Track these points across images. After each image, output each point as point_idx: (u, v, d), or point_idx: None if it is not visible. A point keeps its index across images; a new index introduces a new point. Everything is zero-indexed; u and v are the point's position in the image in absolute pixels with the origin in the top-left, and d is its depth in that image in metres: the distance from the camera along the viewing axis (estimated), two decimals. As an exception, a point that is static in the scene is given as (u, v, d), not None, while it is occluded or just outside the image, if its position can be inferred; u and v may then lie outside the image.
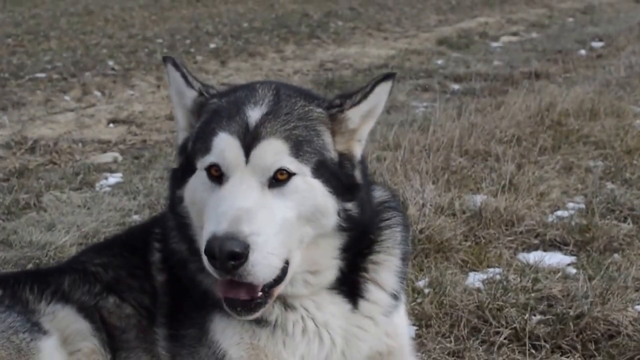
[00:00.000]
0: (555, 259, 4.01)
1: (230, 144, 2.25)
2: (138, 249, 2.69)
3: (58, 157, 6.74)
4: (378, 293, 2.54)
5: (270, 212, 2.20)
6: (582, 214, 4.61)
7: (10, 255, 4.29)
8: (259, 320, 2.44)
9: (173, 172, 2.53)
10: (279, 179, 2.23)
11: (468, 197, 4.77)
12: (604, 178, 5.37)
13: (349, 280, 2.49)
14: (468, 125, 6.18)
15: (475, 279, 3.77)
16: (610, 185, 5.19)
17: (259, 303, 2.29)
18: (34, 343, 2.56)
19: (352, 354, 2.54)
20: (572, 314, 3.28)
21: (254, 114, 2.28)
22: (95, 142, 7.31)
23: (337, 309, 2.49)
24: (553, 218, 4.59)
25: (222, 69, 11.29)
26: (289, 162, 2.24)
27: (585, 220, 4.42)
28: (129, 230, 3.42)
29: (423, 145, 5.54)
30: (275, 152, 2.23)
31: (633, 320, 3.25)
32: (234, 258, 2.12)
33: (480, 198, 4.70)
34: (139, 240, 2.73)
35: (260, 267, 2.16)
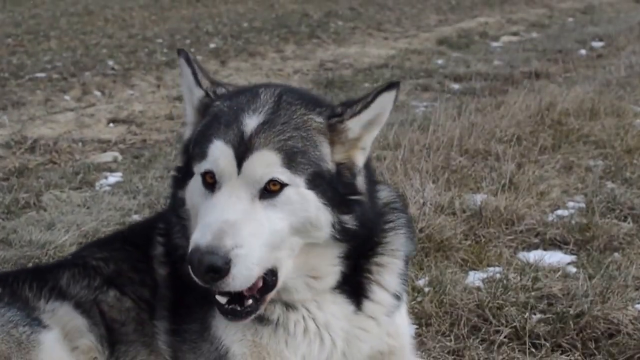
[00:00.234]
0: (556, 258, 4.01)
1: (224, 153, 2.24)
2: (140, 244, 2.69)
3: (58, 156, 6.73)
4: (381, 294, 2.54)
5: (258, 223, 2.20)
6: (582, 213, 4.61)
7: (10, 255, 4.29)
8: (261, 319, 2.45)
9: (176, 170, 2.54)
10: (271, 190, 2.22)
11: (468, 196, 4.77)
12: (604, 177, 5.37)
13: (353, 282, 2.48)
14: (468, 125, 6.18)
15: (476, 278, 3.76)
16: (611, 185, 5.19)
17: (249, 311, 2.31)
18: (35, 336, 2.55)
19: (353, 354, 2.54)
20: (572, 313, 3.28)
21: (251, 123, 2.27)
22: (95, 141, 7.31)
23: (339, 310, 2.49)
24: (553, 217, 4.58)
25: (222, 69, 11.29)
26: (281, 173, 2.22)
27: (586, 219, 4.42)
28: (132, 226, 3.43)
29: (423, 145, 5.53)
30: (267, 164, 2.22)
31: (633, 319, 3.24)
32: (214, 271, 2.14)
33: (481, 197, 4.70)
34: (142, 235, 2.72)
35: (241, 279, 2.17)
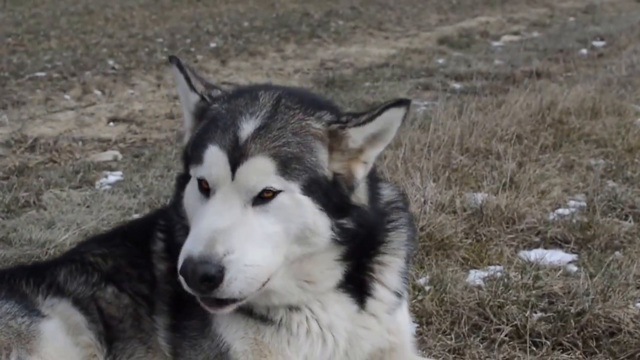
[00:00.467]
0: (556, 257, 3.99)
1: (219, 159, 2.23)
2: (140, 239, 2.68)
3: (58, 155, 6.73)
4: (383, 291, 2.54)
5: (249, 228, 2.19)
6: (583, 212, 4.59)
7: (10, 253, 4.29)
8: (264, 318, 2.45)
9: (179, 175, 2.54)
10: (264, 197, 2.21)
11: (469, 194, 4.76)
12: (605, 176, 5.35)
13: (356, 280, 2.48)
14: (469, 124, 6.17)
15: (476, 277, 3.75)
16: (612, 183, 5.18)
17: (227, 302, 2.27)
18: (34, 326, 2.54)
19: (355, 353, 2.54)
20: (573, 311, 3.26)
21: (247, 127, 2.24)
22: (95, 140, 7.30)
23: (342, 310, 2.49)
24: (554, 216, 4.57)
25: (222, 68, 11.28)
26: (275, 180, 2.20)
27: (587, 218, 4.41)
28: (132, 222, 3.42)
29: (424, 143, 5.52)
30: (261, 171, 2.20)
31: (634, 318, 3.23)
32: (208, 280, 2.14)
33: (481, 196, 4.69)
34: (142, 231, 2.72)
35: (237, 282, 2.16)
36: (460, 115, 6.37)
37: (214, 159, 2.24)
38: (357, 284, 2.49)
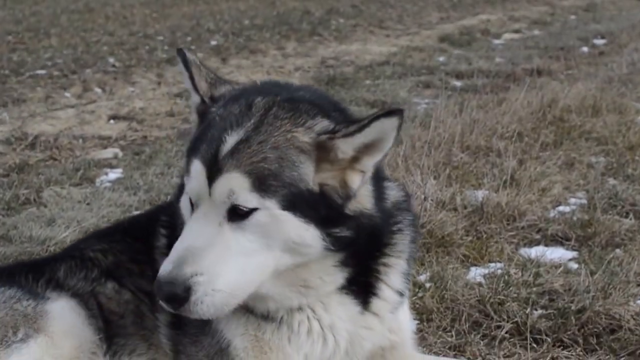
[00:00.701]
0: (557, 254, 3.98)
1: (199, 174, 2.22)
2: (141, 235, 2.66)
3: (58, 153, 6.72)
4: (387, 291, 2.53)
5: (224, 247, 2.17)
6: (583, 209, 4.59)
7: (10, 251, 4.29)
8: (265, 316, 2.44)
9: (179, 184, 2.54)
10: (241, 213, 2.18)
11: (469, 192, 4.75)
12: (606, 174, 5.34)
13: (361, 282, 2.46)
14: (470, 121, 6.16)
15: (477, 274, 3.74)
16: (612, 181, 5.18)
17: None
18: (41, 307, 2.53)
19: (355, 352, 2.53)
20: (573, 308, 3.25)
21: (230, 140, 2.20)
22: (96, 138, 7.29)
23: (344, 312, 2.48)
24: (555, 213, 4.57)
25: (223, 66, 11.27)
26: (249, 197, 2.15)
27: (587, 216, 4.40)
28: (132, 218, 3.41)
29: (424, 141, 5.51)
30: (233, 187, 2.16)
31: (635, 315, 3.22)
32: (173, 300, 2.16)
33: (482, 193, 4.68)
34: (143, 227, 2.70)
35: (204, 305, 2.16)
36: (461, 113, 6.36)
37: (196, 174, 2.23)
38: (361, 286, 2.47)
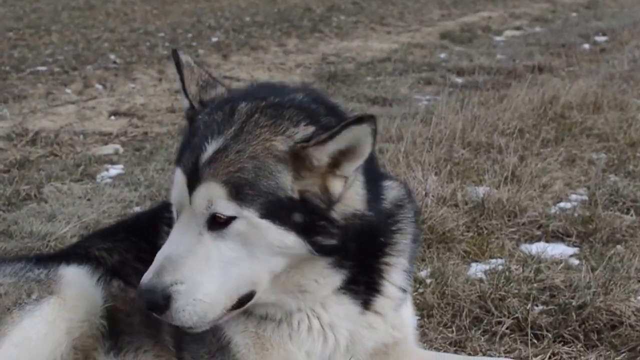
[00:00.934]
0: (558, 250, 3.97)
1: (180, 183, 2.24)
2: (145, 233, 2.67)
3: (59, 148, 6.72)
4: (390, 289, 2.52)
5: (205, 255, 2.19)
6: (585, 206, 4.58)
7: (11, 246, 4.29)
8: (264, 316, 2.44)
9: None
10: (220, 222, 2.18)
11: (470, 188, 4.75)
12: (607, 170, 5.33)
13: (362, 282, 2.45)
14: (471, 118, 6.15)
15: (478, 270, 3.74)
16: (613, 178, 5.16)
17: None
18: (53, 273, 2.54)
19: (356, 350, 2.53)
20: (574, 304, 3.25)
21: (209, 148, 2.21)
22: (97, 134, 7.30)
23: (343, 311, 2.47)
24: (556, 209, 4.56)
25: (224, 63, 11.26)
26: (226, 207, 2.16)
27: (588, 212, 4.39)
28: (135, 216, 3.41)
29: (426, 137, 5.51)
30: (211, 197, 2.17)
31: (636, 311, 3.22)
32: (153, 308, 2.20)
33: (483, 189, 4.67)
34: (147, 225, 2.70)
35: (186, 313, 2.19)
36: (462, 110, 6.35)
37: (177, 183, 2.25)
38: (363, 285, 2.46)
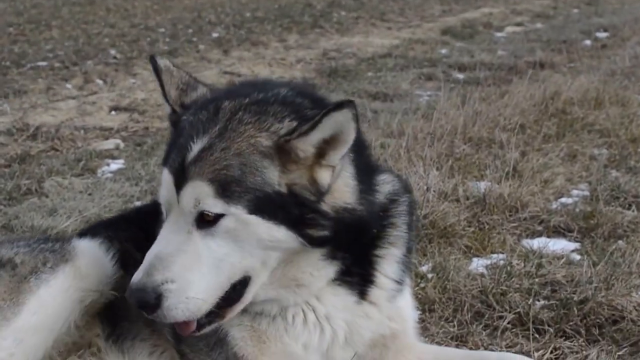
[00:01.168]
0: (560, 245, 3.97)
1: (168, 182, 2.26)
2: (146, 225, 2.66)
3: (60, 143, 6.72)
4: (383, 280, 2.52)
5: (194, 255, 2.20)
6: (586, 201, 4.57)
7: (12, 240, 4.29)
8: (260, 312, 2.44)
9: None
10: (208, 220, 2.19)
11: (472, 183, 4.74)
12: (609, 166, 5.33)
13: (355, 273, 2.46)
14: (472, 113, 6.14)
15: (479, 264, 3.73)
16: (615, 173, 5.16)
17: (202, 324, 2.31)
18: (66, 245, 2.60)
19: (354, 341, 2.53)
20: (576, 299, 3.25)
21: (195, 148, 2.22)
22: (97, 129, 7.29)
23: (340, 302, 2.47)
24: (557, 205, 4.55)
25: (224, 58, 11.25)
26: (212, 204, 2.17)
27: (590, 207, 4.39)
28: (137, 208, 3.43)
29: (427, 132, 5.50)
30: (198, 195, 2.18)
31: (637, 306, 3.21)
32: (144, 307, 2.20)
33: (484, 184, 4.66)
34: (147, 217, 2.70)
35: (178, 311, 2.20)
36: (464, 105, 6.34)
37: (165, 182, 2.27)
38: (357, 276, 2.46)
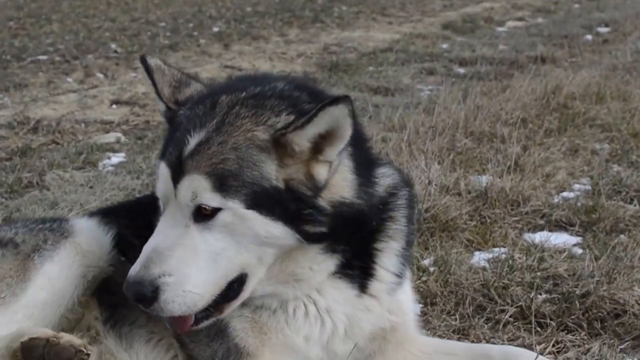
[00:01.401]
0: (561, 239, 3.97)
1: (165, 176, 2.26)
2: (145, 213, 2.67)
3: (61, 137, 6.72)
4: (382, 273, 2.53)
5: (191, 248, 2.20)
6: (588, 195, 4.57)
7: (13, 233, 4.28)
8: (260, 305, 2.45)
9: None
10: (205, 214, 2.19)
11: (474, 177, 4.74)
12: (610, 160, 5.33)
13: (355, 266, 2.46)
14: (474, 108, 6.14)
15: (481, 258, 3.73)
16: (617, 167, 5.16)
17: (200, 319, 2.31)
18: (65, 224, 2.62)
19: (354, 333, 2.53)
20: (578, 293, 3.25)
21: (192, 141, 2.23)
22: (98, 122, 7.29)
23: (340, 295, 2.47)
24: (559, 199, 4.55)
25: (225, 52, 11.24)
26: (210, 198, 2.17)
27: (592, 202, 4.38)
28: (137, 199, 3.43)
29: (429, 126, 5.49)
30: (195, 189, 2.18)
31: (639, 299, 3.21)
32: (141, 300, 2.20)
33: (486, 178, 4.66)
34: (147, 206, 2.71)
35: (174, 304, 2.20)
36: (465, 99, 6.34)
37: (162, 176, 2.27)
38: (357, 269, 2.47)
